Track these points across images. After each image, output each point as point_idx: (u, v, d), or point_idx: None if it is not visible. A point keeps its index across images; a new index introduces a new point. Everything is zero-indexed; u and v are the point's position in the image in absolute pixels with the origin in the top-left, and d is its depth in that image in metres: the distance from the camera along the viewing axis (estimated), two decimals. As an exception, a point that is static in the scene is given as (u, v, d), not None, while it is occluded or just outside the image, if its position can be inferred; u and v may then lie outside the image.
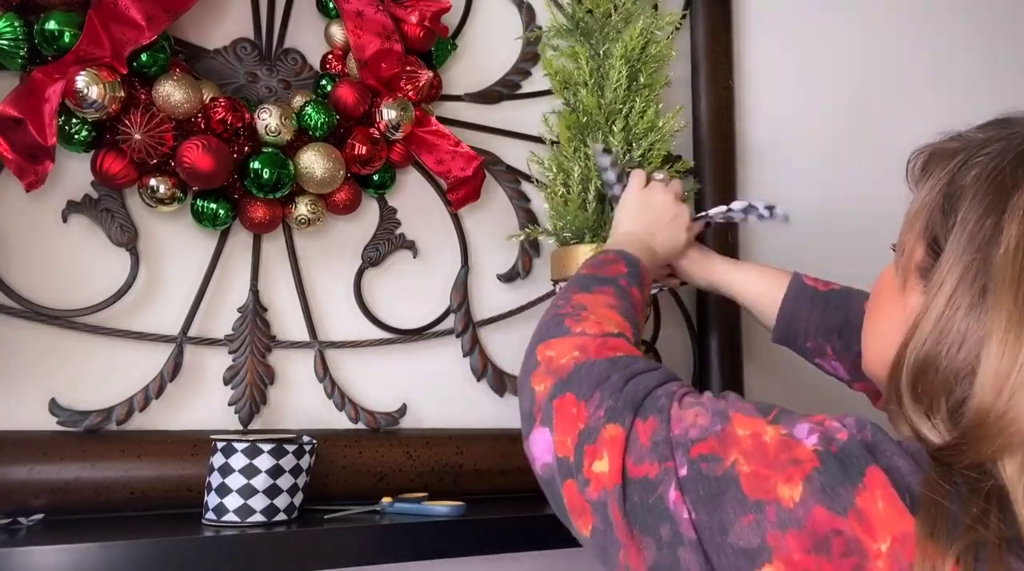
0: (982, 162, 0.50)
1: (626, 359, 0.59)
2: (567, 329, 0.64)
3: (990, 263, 0.46)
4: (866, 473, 0.44)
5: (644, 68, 1.05)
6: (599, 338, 0.62)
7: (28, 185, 0.81)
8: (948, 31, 1.52)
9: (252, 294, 0.96)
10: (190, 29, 0.96)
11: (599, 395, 0.55)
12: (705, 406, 0.51)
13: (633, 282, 0.74)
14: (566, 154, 1.04)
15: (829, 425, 0.48)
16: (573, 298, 0.69)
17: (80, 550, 0.70)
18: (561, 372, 0.59)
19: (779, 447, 0.47)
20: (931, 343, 0.49)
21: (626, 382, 0.55)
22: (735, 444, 0.48)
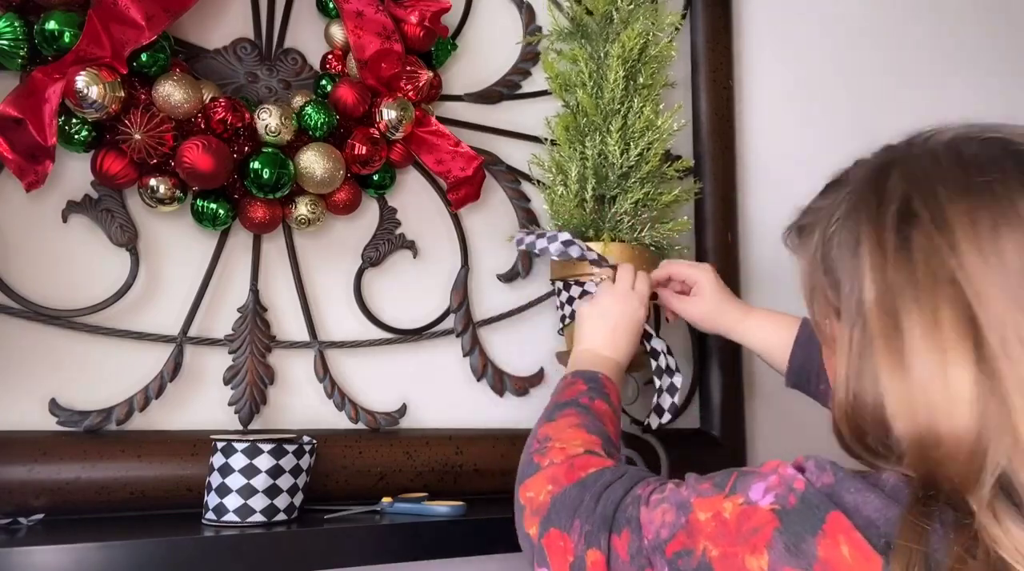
0: (836, 230, 0.54)
1: (593, 475, 0.61)
2: (537, 466, 0.66)
3: (864, 311, 0.49)
4: (826, 519, 0.44)
5: (644, 69, 1.05)
6: (565, 463, 0.64)
7: (28, 185, 0.81)
8: (948, 31, 1.52)
9: (252, 294, 0.96)
10: (190, 29, 0.96)
11: (578, 522, 0.58)
12: (669, 501, 0.53)
13: (596, 396, 0.77)
14: (564, 154, 1.04)
15: (785, 475, 0.49)
16: (539, 432, 0.72)
17: (80, 550, 0.70)
18: (542, 510, 0.62)
19: (739, 519, 0.48)
20: (850, 394, 0.50)
21: (597, 501, 0.58)
22: (700, 532, 0.50)
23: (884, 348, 0.47)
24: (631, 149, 1.02)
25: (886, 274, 0.48)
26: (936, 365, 0.44)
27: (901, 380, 0.46)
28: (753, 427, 1.24)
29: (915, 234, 0.47)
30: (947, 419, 0.44)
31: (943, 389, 0.44)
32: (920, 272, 0.46)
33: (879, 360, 0.47)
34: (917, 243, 0.47)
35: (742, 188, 1.28)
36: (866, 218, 0.51)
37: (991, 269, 0.44)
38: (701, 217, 1.22)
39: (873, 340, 0.48)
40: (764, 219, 1.30)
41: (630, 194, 1.01)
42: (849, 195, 0.54)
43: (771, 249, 1.29)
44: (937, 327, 0.45)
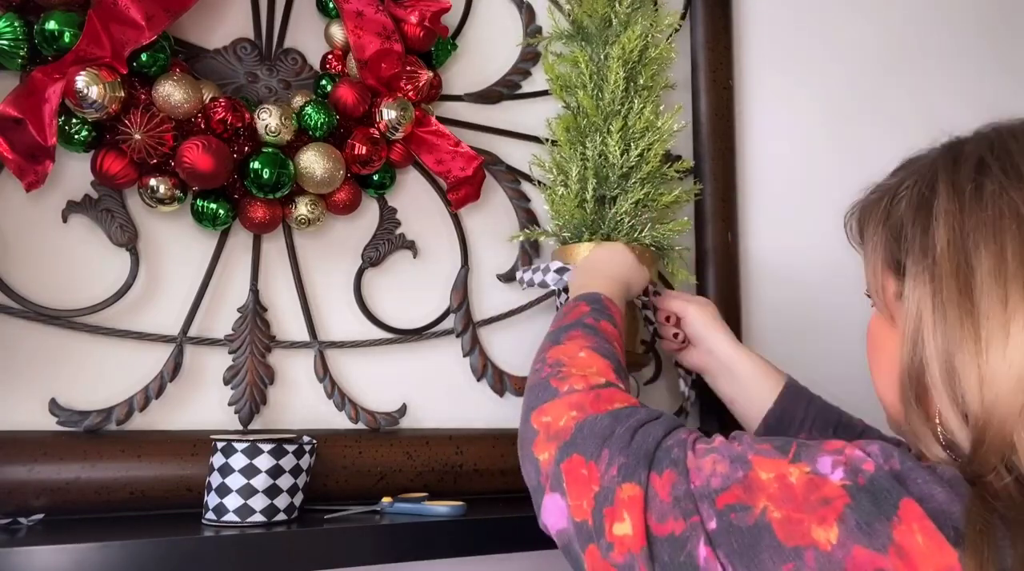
0: (906, 194, 0.56)
1: (627, 410, 0.58)
2: (555, 391, 0.63)
3: (936, 255, 0.51)
4: (900, 506, 0.43)
5: (644, 70, 1.05)
6: (591, 392, 0.61)
7: (28, 185, 0.81)
8: (947, 30, 1.52)
9: (252, 294, 0.96)
10: (190, 29, 0.96)
11: (608, 452, 0.54)
12: (721, 452, 0.51)
13: (599, 317, 0.74)
14: (564, 154, 1.05)
15: (852, 455, 0.47)
16: (548, 356, 0.69)
17: (80, 550, 0.70)
18: (563, 435, 0.58)
19: (807, 487, 0.46)
20: (927, 349, 0.50)
21: (632, 435, 0.55)
22: (761, 490, 0.47)
23: (954, 286, 0.49)
24: (631, 150, 1.02)
25: (961, 219, 0.50)
26: (998, 295, 0.47)
27: (969, 317, 0.48)
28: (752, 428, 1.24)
29: (987, 181, 0.51)
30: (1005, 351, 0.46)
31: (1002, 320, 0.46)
32: (990, 212, 0.49)
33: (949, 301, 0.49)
34: (988, 188, 0.50)
35: (742, 188, 1.28)
36: (943, 174, 0.53)
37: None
38: (701, 217, 1.22)
39: (947, 281, 0.50)
40: (764, 219, 1.30)
41: (630, 194, 1.01)
42: (923, 164, 0.56)
43: (771, 249, 1.29)
44: (1002, 260, 0.47)
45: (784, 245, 1.31)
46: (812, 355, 1.21)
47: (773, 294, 1.28)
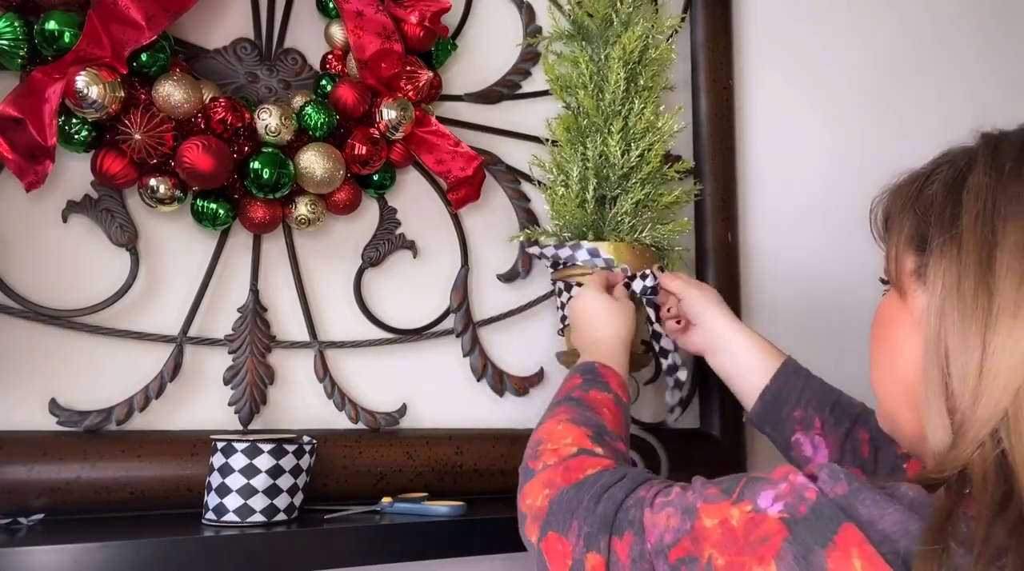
0: (939, 177, 0.54)
1: (592, 478, 0.60)
2: (532, 471, 0.66)
3: (960, 225, 0.49)
4: (838, 531, 0.43)
5: (644, 71, 1.05)
6: (560, 466, 0.63)
7: (28, 185, 0.81)
8: (947, 30, 1.52)
9: (252, 294, 0.96)
10: (190, 29, 0.96)
11: (576, 523, 0.57)
12: (675, 505, 0.52)
13: (591, 386, 0.75)
14: (565, 154, 1.05)
15: (796, 482, 0.47)
16: (534, 437, 0.71)
17: (80, 550, 0.70)
18: (540, 515, 0.61)
19: (747, 527, 0.46)
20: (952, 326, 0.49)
21: (597, 502, 0.57)
22: (706, 539, 0.48)
23: (976, 259, 0.47)
24: (632, 150, 1.02)
25: (994, 191, 0.48)
26: (1018, 275, 0.45)
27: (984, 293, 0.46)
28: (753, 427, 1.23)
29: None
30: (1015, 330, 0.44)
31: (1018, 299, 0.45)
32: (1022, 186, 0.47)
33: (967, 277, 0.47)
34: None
35: (742, 188, 1.28)
36: (983, 154, 0.51)
37: None
38: (701, 217, 1.22)
39: (966, 254, 0.48)
40: (764, 219, 1.30)
41: (631, 195, 1.01)
42: (960, 151, 0.54)
43: (771, 249, 1.29)
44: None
45: (784, 245, 1.31)
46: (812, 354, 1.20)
47: (773, 294, 1.28)
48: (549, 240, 1.04)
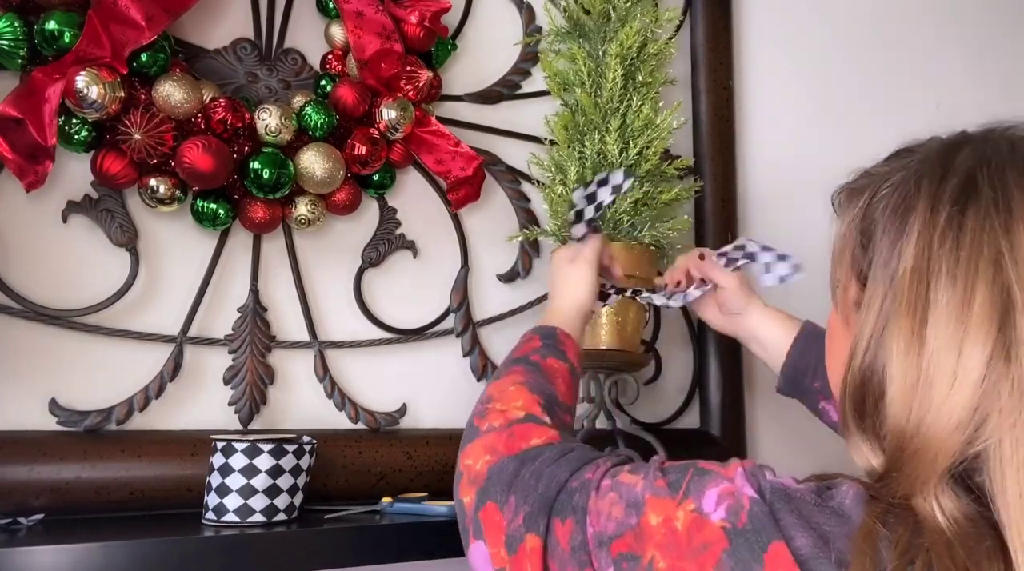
0: (887, 193, 0.51)
1: (535, 449, 0.59)
2: (476, 430, 0.64)
3: (897, 277, 0.48)
4: (768, 549, 0.43)
5: (642, 67, 1.05)
6: (505, 431, 0.62)
7: (28, 185, 0.81)
8: (950, 30, 1.52)
9: (252, 294, 0.96)
10: (190, 29, 0.96)
11: (513, 499, 0.56)
12: (620, 492, 0.51)
13: (548, 353, 0.75)
14: (563, 153, 1.04)
15: (738, 486, 0.47)
16: (485, 392, 0.70)
17: (80, 550, 0.70)
18: (479, 480, 0.60)
19: (690, 530, 0.46)
20: (861, 371, 0.49)
21: (538, 479, 0.56)
22: (650, 539, 0.48)
23: (907, 315, 0.46)
24: (630, 148, 1.01)
25: (931, 243, 0.46)
26: (952, 339, 0.44)
27: (915, 353, 0.45)
28: (753, 427, 1.24)
29: (971, 210, 0.46)
30: (945, 399, 0.43)
31: (953, 364, 0.43)
32: (966, 247, 0.45)
33: (899, 327, 0.46)
34: (971, 219, 0.46)
35: (742, 188, 1.28)
36: (926, 186, 0.49)
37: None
38: (701, 216, 1.22)
39: (899, 307, 0.46)
40: (764, 219, 1.30)
41: (630, 193, 1.01)
42: (912, 164, 0.52)
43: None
44: (967, 304, 0.44)
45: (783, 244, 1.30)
46: (812, 355, 1.21)
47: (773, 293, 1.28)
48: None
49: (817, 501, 0.45)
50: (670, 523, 0.48)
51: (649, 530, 0.48)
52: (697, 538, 0.46)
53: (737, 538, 0.45)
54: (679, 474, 0.51)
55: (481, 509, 0.58)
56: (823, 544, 0.43)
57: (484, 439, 0.63)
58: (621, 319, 0.99)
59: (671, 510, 0.48)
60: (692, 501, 0.48)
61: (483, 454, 0.61)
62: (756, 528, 0.44)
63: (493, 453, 0.60)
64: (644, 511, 0.49)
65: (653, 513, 0.49)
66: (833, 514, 0.44)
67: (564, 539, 0.52)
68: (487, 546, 0.56)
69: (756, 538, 0.44)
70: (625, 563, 0.48)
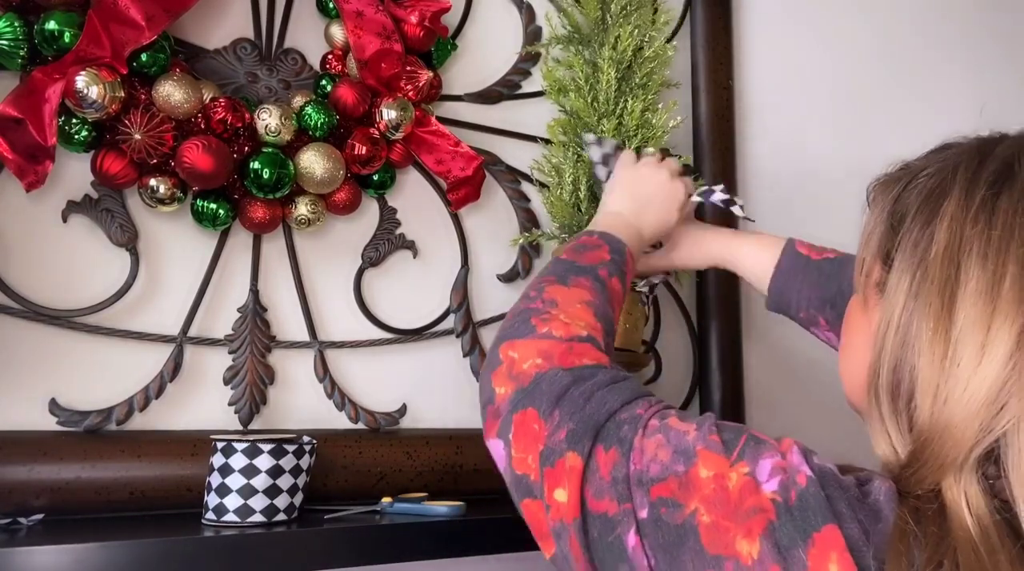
0: (922, 182, 0.52)
1: (590, 369, 0.57)
2: (532, 328, 0.61)
3: (928, 258, 0.48)
4: (820, 530, 0.43)
5: (639, 69, 1.05)
6: (564, 343, 0.60)
7: (28, 185, 0.81)
8: (949, 30, 1.52)
9: (252, 294, 0.96)
10: (190, 29, 0.96)
11: (559, 413, 0.54)
12: (669, 435, 0.50)
13: (615, 271, 0.72)
14: (559, 155, 1.04)
15: (793, 461, 0.46)
16: (546, 291, 0.66)
17: (80, 550, 0.70)
18: (523, 379, 0.57)
19: (742, 492, 0.45)
20: (891, 353, 0.49)
21: (588, 400, 0.54)
22: (697, 490, 0.46)
23: (937, 294, 0.46)
24: (627, 144, 1.01)
25: (964, 225, 0.47)
26: (981, 316, 0.44)
27: (943, 331, 0.45)
28: (753, 427, 1.24)
29: (1005, 193, 0.47)
30: (972, 375, 0.43)
31: (981, 340, 0.44)
32: (998, 228, 0.45)
33: (928, 306, 0.46)
34: (1004, 201, 0.46)
35: (742, 188, 1.28)
36: (962, 172, 0.49)
37: None
38: (701, 216, 1.22)
39: (930, 285, 0.47)
40: (764, 218, 1.29)
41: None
42: (951, 156, 0.52)
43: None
44: (997, 283, 0.44)
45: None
46: (813, 351, 1.21)
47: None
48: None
49: (859, 494, 0.45)
50: (721, 480, 0.46)
51: (698, 482, 0.47)
52: (748, 501, 0.45)
53: (784, 514, 0.44)
54: (733, 434, 0.49)
55: (518, 411, 0.56)
56: (866, 537, 0.43)
57: (540, 342, 0.60)
58: (621, 318, 0.99)
59: (724, 467, 0.47)
60: (746, 464, 0.47)
61: (535, 355, 0.58)
62: (808, 507, 0.44)
63: (547, 358, 0.58)
64: (695, 462, 0.48)
65: (704, 466, 0.47)
66: (870, 510, 0.44)
67: (606, 468, 0.50)
68: (510, 449, 0.55)
69: (806, 518, 0.43)
70: (664, 508, 0.47)
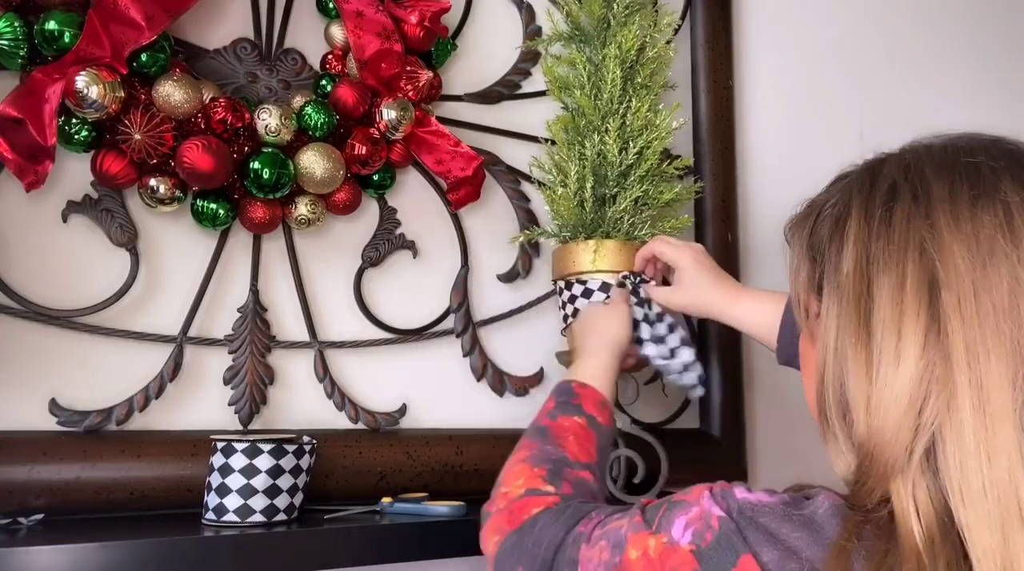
0: (828, 212, 0.56)
1: (530, 520, 0.63)
2: (487, 515, 0.69)
3: (842, 279, 0.51)
4: (737, 563, 0.46)
5: (641, 70, 1.05)
6: (505, 511, 0.66)
7: (28, 185, 0.81)
8: (949, 30, 1.52)
9: (252, 294, 0.96)
10: (190, 29, 0.96)
11: (520, 569, 0.61)
12: (608, 538, 0.55)
13: (560, 411, 0.76)
14: (563, 154, 1.04)
15: (704, 508, 0.50)
16: (501, 474, 0.73)
17: (80, 550, 0.70)
18: (492, 561, 0.65)
19: (663, 556, 0.50)
20: (832, 377, 0.51)
21: (536, 543, 0.60)
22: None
23: (855, 310, 0.49)
24: (629, 148, 1.01)
25: (868, 243, 0.50)
26: (893, 321, 0.46)
27: (864, 344, 0.48)
28: (753, 427, 1.24)
29: (898, 206, 0.50)
30: (894, 379, 0.45)
31: (896, 344, 0.46)
32: (896, 240, 0.49)
33: (850, 323, 0.49)
34: (898, 214, 0.49)
35: (742, 188, 1.28)
36: (857, 196, 0.53)
37: (962, 235, 0.46)
38: (701, 216, 1.22)
39: (848, 305, 0.50)
40: (764, 219, 1.29)
41: (629, 192, 1.01)
42: (846, 184, 0.56)
43: (771, 248, 1.29)
44: (901, 286, 0.47)
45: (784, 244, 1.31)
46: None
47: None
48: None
49: (787, 512, 0.47)
50: (646, 554, 0.51)
51: (630, 564, 0.52)
52: (669, 563, 0.49)
53: (705, 557, 0.48)
54: (654, 511, 0.54)
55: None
56: (790, 555, 0.45)
57: (491, 521, 0.67)
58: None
59: (646, 541, 0.52)
60: (664, 534, 0.51)
61: (492, 535, 0.66)
62: (721, 546, 0.47)
63: (499, 532, 0.65)
64: (625, 547, 0.53)
65: (633, 548, 0.52)
66: (804, 524, 0.46)
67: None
68: None
69: (724, 554, 0.47)
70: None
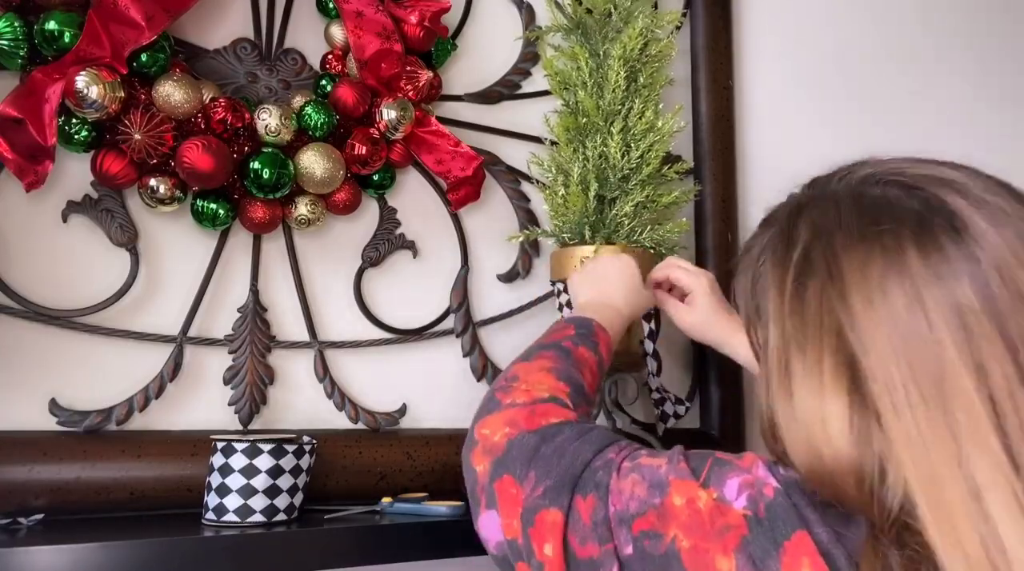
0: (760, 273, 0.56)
1: (555, 426, 0.60)
2: (498, 403, 0.64)
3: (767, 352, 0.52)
4: (791, 537, 0.45)
5: (644, 69, 1.05)
6: (527, 407, 0.62)
7: (28, 185, 0.81)
8: (949, 30, 1.52)
9: (252, 294, 0.96)
10: (190, 29, 0.96)
11: (533, 474, 0.56)
12: (643, 473, 0.53)
13: (581, 342, 0.74)
14: (564, 154, 1.04)
15: (758, 476, 0.49)
16: (511, 370, 0.70)
17: (80, 550, 0.70)
18: (496, 451, 0.60)
19: (712, 513, 0.48)
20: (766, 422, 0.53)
21: (560, 455, 0.56)
22: (673, 518, 0.49)
23: (778, 386, 0.50)
24: (632, 151, 1.01)
25: (783, 322, 0.51)
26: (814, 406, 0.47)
27: (791, 417, 0.49)
28: (753, 427, 1.24)
29: (811, 283, 0.49)
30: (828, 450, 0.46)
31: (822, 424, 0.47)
32: (810, 322, 0.49)
33: (777, 396, 0.50)
34: (811, 292, 0.49)
35: (742, 188, 1.28)
36: (774, 264, 0.53)
37: (879, 318, 0.45)
38: (701, 217, 1.22)
39: (772, 378, 0.51)
40: (764, 219, 1.29)
41: (631, 196, 1.01)
42: (770, 238, 0.56)
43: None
44: (818, 374, 0.47)
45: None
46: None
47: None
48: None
49: (825, 500, 0.47)
50: (693, 504, 0.49)
51: (673, 510, 0.50)
52: (720, 520, 0.48)
53: (756, 527, 0.46)
54: (700, 461, 0.53)
55: (497, 480, 0.58)
56: (836, 538, 0.45)
57: (505, 412, 0.62)
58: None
59: (694, 491, 0.50)
60: (714, 489, 0.50)
61: (503, 426, 0.61)
62: (777, 518, 0.46)
63: (513, 426, 0.61)
64: (668, 491, 0.51)
65: (677, 494, 0.50)
66: (839, 514, 0.46)
67: (586, 514, 0.53)
68: (500, 516, 0.57)
69: (777, 527, 0.46)
70: (647, 540, 0.49)
